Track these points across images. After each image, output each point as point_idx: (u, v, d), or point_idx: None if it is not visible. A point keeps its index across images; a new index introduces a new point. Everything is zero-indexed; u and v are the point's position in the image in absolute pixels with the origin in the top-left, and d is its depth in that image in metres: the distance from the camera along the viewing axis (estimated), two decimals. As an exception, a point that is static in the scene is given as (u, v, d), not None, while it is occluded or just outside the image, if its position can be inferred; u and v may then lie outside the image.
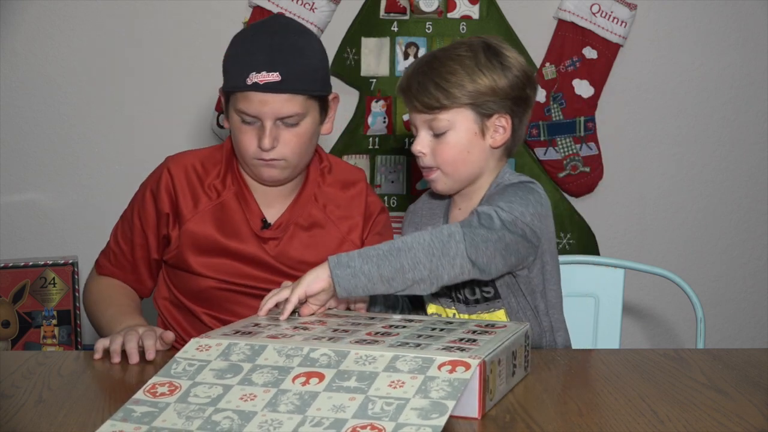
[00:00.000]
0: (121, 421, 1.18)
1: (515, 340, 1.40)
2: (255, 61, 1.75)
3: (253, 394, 1.22)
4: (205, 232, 1.86)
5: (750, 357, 1.61)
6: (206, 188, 1.88)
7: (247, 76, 1.75)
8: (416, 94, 1.72)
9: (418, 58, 1.80)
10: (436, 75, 1.71)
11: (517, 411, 1.29)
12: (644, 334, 3.03)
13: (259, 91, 1.75)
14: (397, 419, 1.14)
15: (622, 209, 2.97)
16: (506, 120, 1.74)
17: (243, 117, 1.78)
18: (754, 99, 2.95)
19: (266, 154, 1.79)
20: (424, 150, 1.74)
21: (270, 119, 1.77)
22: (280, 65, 1.76)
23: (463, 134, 1.72)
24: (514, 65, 1.73)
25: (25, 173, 2.84)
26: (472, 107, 1.71)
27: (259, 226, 1.87)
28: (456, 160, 1.73)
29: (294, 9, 2.76)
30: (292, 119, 1.79)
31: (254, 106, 1.76)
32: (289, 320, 1.52)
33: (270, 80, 1.75)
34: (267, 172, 1.83)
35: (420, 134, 1.75)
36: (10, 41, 2.79)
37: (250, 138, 1.79)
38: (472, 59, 1.71)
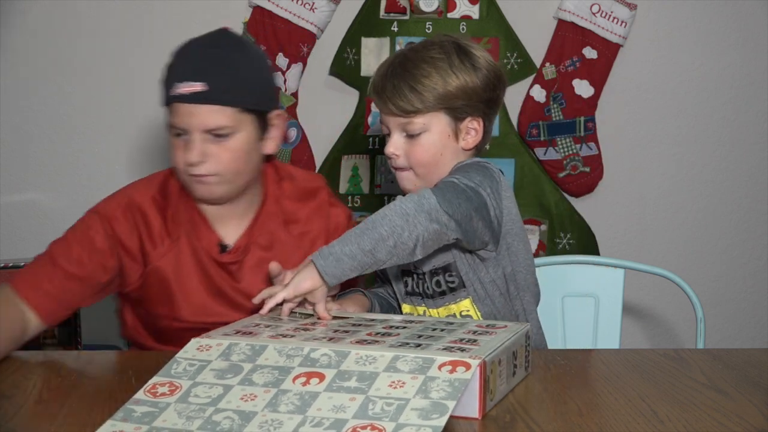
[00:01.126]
0: (121, 421, 1.18)
1: (516, 340, 1.41)
2: (182, 72, 1.71)
3: (254, 394, 1.22)
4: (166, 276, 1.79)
5: (750, 357, 1.62)
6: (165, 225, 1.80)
7: (171, 87, 1.71)
8: (391, 97, 1.71)
9: (388, 58, 1.78)
10: (410, 78, 1.71)
11: (517, 411, 1.29)
12: (644, 334, 3.03)
13: (185, 102, 1.70)
14: (397, 419, 1.14)
15: (622, 209, 2.97)
16: (478, 123, 1.75)
17: (173, 131, 1.73)
18: (754, 99, 2.95)
19: (195, 169, 1.72)
20: (398, 152, 1.74)
21: (197, 131, 1.70)
22: (207, 75, 1.69)
23: (437, 137, 1.73)
24: (484, 65, 1.74)
25: (25, 173, 2.84)
26: (447, 110, 1.72)
27: (217, 251, 1.80)
28: (429, 162, 1.74)
29: (294, 9, 2.76)
30: (221, 131, 1.71)
31: (180, 118, 1.71)
32: (290, 320, 1.52)
33: (195, 90, 1.69)
34: (200, 189, 1.76)
35: (393, 136, 1.75)
36: (10, 41, 2.79)
37: (181, 153, 1.73)
38: (445, 61, 1.71)
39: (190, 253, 1.80)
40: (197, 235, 1.80)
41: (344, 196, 2.83)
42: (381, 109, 1.75)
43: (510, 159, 2.83)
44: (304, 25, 2.78)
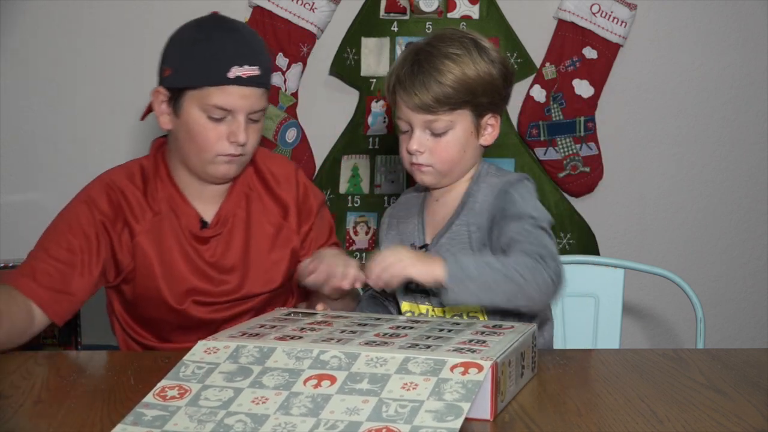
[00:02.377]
0: (131, 425, 1.18)
1: (524, 341, 1.41)
2: (236, 55, 1.73)
3: (265, 397, 1.22)
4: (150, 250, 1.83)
5: (749, 357, 1.62)
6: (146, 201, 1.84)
7: (228, 70, 1.72)
8: (419, 93, 1.70)
9: (406, 54, 1.76)
10: (437, 74, 1.69)
11: (517, 411, 1.29)
12: (644, 334, 3.03)
13: (242, 85, 1.74)
14: (412, 422, 1.14)
15: (622, 209, 2.97)
16: (496, 119, 1.76)
17: (213, 113, 1.75)
18: (754, 99, 2.95)
19: (236, 149, 1.78)
20: (422, 149, 1.73)
21: (244, 113, 1.76)
22: (257, 59, 1.76)
23: (461, 134, 1.73)
24: (497, 59, 1.74)
25: (25, 173, 2.84)
26: (471, 107, 1.72)
27: (198, 227, 1.85)
28: (453, 160, 1.74)
29: (294, 9, 2.76)
30: (258, 114, 1.79)
31: (233, 100, 1.74)
32: (295, 321, 1.52)
33: (252, 74, 1.74)
34: (227, 169, 1.81)
35: (416, 133, 1.73)
36: (10, 41, 2.79)
37: (218, 134, 1.76)
38: (468, 57, 1.71)
39: (171, 229, 1.84)
40: (178, 212, 1.85)
41: (344, 196, 2.83)
42: (406, 105, 1.73)
43: (510, 159, 2.83)
44: (304, 25, 2.77)
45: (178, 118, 1.79)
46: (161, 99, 1.80)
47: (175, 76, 1.77)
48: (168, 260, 1.83)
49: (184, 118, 1.77)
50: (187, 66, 1.75)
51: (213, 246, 1.86)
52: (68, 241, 1.79)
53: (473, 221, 1.73)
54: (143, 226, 1.83)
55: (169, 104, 1.80)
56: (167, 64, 1.79)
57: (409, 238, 1.81)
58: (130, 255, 1.83)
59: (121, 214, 1.83)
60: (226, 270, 1.86)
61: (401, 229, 1.85)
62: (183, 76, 1.76)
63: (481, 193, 1.74)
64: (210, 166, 1.80)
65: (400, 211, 1.89)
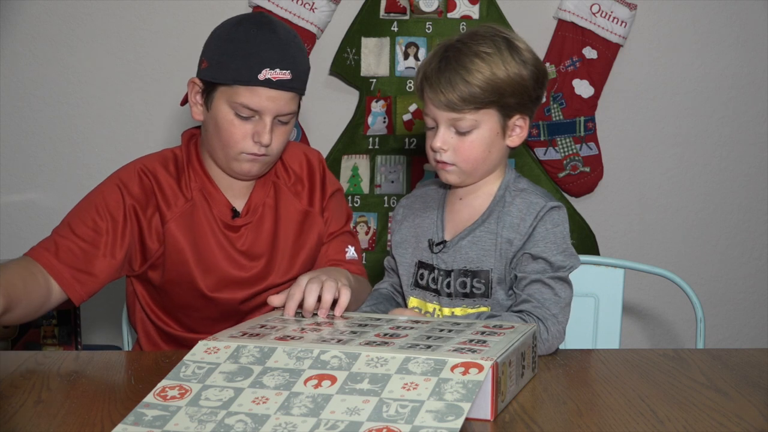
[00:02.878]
0: (132, 425, 1.18)
1: (524, 341, 1.41)
2: (269, 58, 1.76)
3: (265, 397, 1.22)
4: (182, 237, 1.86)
5: (750, 357, 1.62)
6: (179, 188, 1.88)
7: (259, 71, 1.75)
8: (445, 90, 1.68)
9: (436, 50, 1.75)
10: (465, 72, 1.68)
11: (517, 411, 1.29)
12: (644, 334, 3.03)
13: (271, 88, 1.76)
14: (413, 422, 1.14)
15: (622, 209, 2.97)
16: (524, 120, 1.74)
17: (241, 111, 1.78)
18: (754, 99, 2.95)
19: (260, 149, 1.81)
20: (445, 147, 1.72)
21: (271, 116, 1.79)
22: (291, 64, 1.78)
23: (486, 134, 1.71)
24: (530, 60, 1.72)
25: (25, 173, 2.84)
26: (498, 107, 1.71)
27: (230, 216, 1.89)
28: (477, 159, 1.72)
29: (294, 9, 2.76)
30: (287, 117, 1.82)
31: (261, 101, 1.77)
32: (296, 321, 1.52)
33: (283, 78, 1.77)
34: (249, 167, 1.85)
35: (441, 130, 1.72)
36: (10, 41, 2.79)
37: (244, 132, 1.79)
38: (498, 56, 1.69)
39: (204, 217, 1.87)
40: (210, 201, 1.88)
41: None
42: (432, 102, 1.72)
43: (510, 159, 2.82)
44: (304, 25, 2.77)
45: (209, 111, 1.83)
46: (196, 90, 1.85)
47: (210, 69, 1.80)
48: (202, 247, 1.86)
49: (214, 112, 1.81)
50: (222, 62, 1.78)
51: (244, 234, 1.89)
52: (94, 221, 1.80)
53: (505, 234, 1.72)
54: (174, 212, 1.86)
55: (202, 96, 1.84)
56: (205, 57, 1.83)
57: (426, 232, 1.81)
58: (159, 241, 1.85)
59: (152, 199, 1.86)
60: (256, 257, 1.90)
61: (417, 222, 1.84)
62: (216, 71, 1.79)
63: (516, 208, 1.73)
64: (234, 162, 1.84)
65: (416, 203, 1.88)
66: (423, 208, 1.86)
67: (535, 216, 1.71)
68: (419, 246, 1.81)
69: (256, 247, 1.90)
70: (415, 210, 1.87)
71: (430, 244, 1.78)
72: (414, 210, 1.87)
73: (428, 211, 1.84)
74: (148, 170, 1.87)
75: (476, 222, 1.76)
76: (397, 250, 1.86)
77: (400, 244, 1.85)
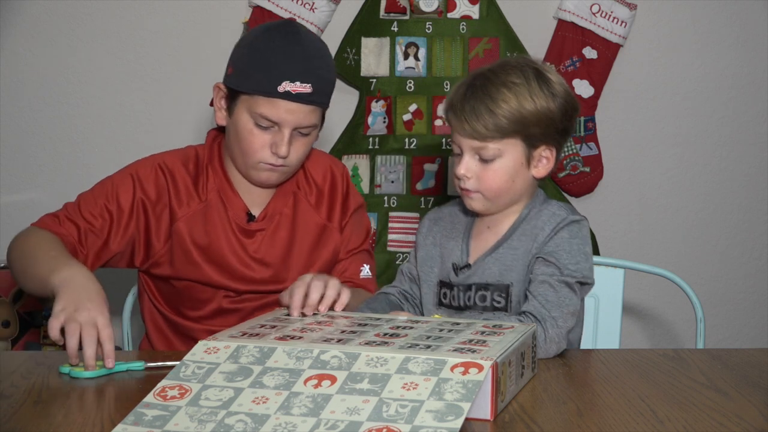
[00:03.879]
0: (132, 425, 1.18)
1: (524, 341, 1.41)
2: (289, 70, 1.76)
3: (265, 397, 1.22)
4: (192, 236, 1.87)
5: (750, 357, 1.62)
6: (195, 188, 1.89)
7: (279, 83, 1.75)
8: (468, 119, 1.70)
9: (466, 78, 1.76)
10: (489, 101, 1.69)
11: (517, 411, 1.29)
12: (644, 334, 3.03)
13: (290, 100, 1.76)
14: (412, 421, 1.14)
15: (622, 209, 2.97)
16: (551, 151, 1.75)
17: (260, 121, 1.79)
18: (754, 99, 2.95)
19: (278, 160, 1.81)
20: (469, 174, 1.73)
21: (290, 127, 1.79)
22: (312, 77, 1.77)
23: (510, 163, 1.72)
24: (561, 93, 1.72)
25: (25, 173, 2.84)
26: (523, 138, 1.71)
27: (245, 219, 1.89)
28: (500, 188, 1.73)
29: (294, 9, 2.76)
30: (308, 129, 1.81)
31: (279, 113, 1.77)
32: (296, 321, 1.52)
33: (302, 91, 1.76)
34: (267, 176, 1.86)
35: (465, 157, 1.73)
36: (10, 41, 2.79)
37: (262, 141, 1.80)
38: (525, 87, 1.69)
39: (219, 219, 1.88)
40: (227, 203, 1.89)
41: (344, 196, 2.83)
42: (456, 129, 1.74)
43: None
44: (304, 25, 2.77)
45: (231, 118, 1.84)
46: (221, 95, 1.86)
47: (234, 77, 1.81)
48: (214, 248, 1.87)
49: (235, 119, 1.82)
50: (245, 70, 1.79)
51: (258, 240, 1.90)
52: (102, 207, 1.84)
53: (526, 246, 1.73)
54: (186, 212, 1.87)
55: (226, 101, 1.85)
56: (231, 62, 1.84)
57: (450, 256, 1.81)
58: (165, 239, 1.87)
59: (164, 197, 1.87)
60: (267, 264, 1.90)
61: (443, 244, 1.84)
62: (240, 79, 1.80)
63: (540, 220, 1.74)
64: (252, 170, 1.85)
65: (443, 223, 1.88)
66: (450, 229, 1.86)
67: (555, 226, 1.72)
68: (444, 266, 1.82)
69: (269, 255, 1.90)
70: (442, 228, 1.87)
71: (454, 268, 1.79)
72: (441, 227, 1.87)
73: (455, 234, 1.84)
74: (166, 167, 1.89)
75: (499, 240, 1.77)
76: (422, 267, 1.86)
77: (425, 261, 1.86)
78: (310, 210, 1.94)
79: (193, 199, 1.88)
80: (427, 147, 2.80)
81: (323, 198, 1.96)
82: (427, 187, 2.81)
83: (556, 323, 1.63)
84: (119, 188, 1.86)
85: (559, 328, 1.63)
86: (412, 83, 2.80)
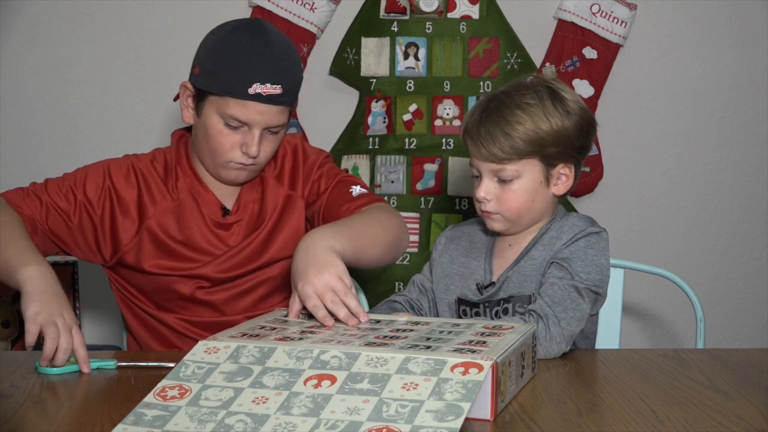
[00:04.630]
0: (132, 425, 1.18)
1: (524, 341, 1.41)
2: (260, 72, 1.75)
3: (265, 397, 1.22)
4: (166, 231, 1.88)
5: (750, 357, 1.62)
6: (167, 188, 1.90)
7: (250, 85, 1.75)
8: (485, 143, 1.71)
9: (481, 101, 1.77)
10: (505, 124, 1.69)
11: (517, 411, 1.29)
12: (644, 334, 3.03)
13: (261, 102, 1.76)
14: (412, 421, 1.14)
15: (622, 209, 2.97)
16: (569, 169, 1.75)
17: (230, 121, 1.78)
18: (754, 99, 2.95)
19: (248, 160, 1.81)
20: (489, 197, 1.74)
21: (260, 128, 1.79)
22: (282, 78, 1.77)
23: (529, 184, 1.73)
24: (576, 111, 1.72)
25: (25, 173, 2.84)
26: (540, 157, 1.72)
27: (220, 214, 1.90)
28: (521, 208, 1.74)
29: (294, 9, 2.76)
30: (277, 128, 1.82)
31: (250, 115, 1.77)
32: (296, 323, 1.52)
33: (273, 93, 1.76)
34: (237, 175, 1.86)
35: (484, 180, 1.74)
36: (10, 41, 2.79)
37: (232, 141, 1.80)
38: (539, 107, 1.70)
39: (193, 217, 1.89)
40: (199, 200, 1.89)
41: (344, 196, 2.82)
42: (473, 154, 1.75)
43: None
44: (304, 25, 2.77)
45: (199, 117, 1.83)
46: (187, 94, 1.85)
47: (202, 77, 1.81)
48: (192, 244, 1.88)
49: (204, 119, 1.82)
50: (214, 71, 1.78)
51: (236, 232, 1.91)
52: (68, 189, 1.87)
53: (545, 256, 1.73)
54: (158, 209, 1.88)
55: (193, 100, 1.84)
56: (197, 62, 1.83)
57: (473, 274, 1.82)
58: (134, 233, 1.87)
59: (132, 193, 1.88)
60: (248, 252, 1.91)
61: (463, 262, 1.84)
62: (208, 80, 1.79)
63: (559, 231, 1.75)
64: (221, 169, 1.85)
65: (462, 242, 1.88)
66: (470, 248, 1.86)
67: (573, 236, 1.72)
68: (465, 285, 1.82)
69: (250, 244, 1.91)
70: (461, 247, 1.87)
71: (479, 287, 1.80)
72: (459, 246, 1.87)
73: (475, 253, 1.84)
74: (137, 167, 1.91)
75: (520, 255, 1.78)
76: (437, 285, 1.86)
77: (441, 279, 1.86)
78: (275, 186, 1.93)
79: (165, 198, 1.89)
80: (427, 147, 2.80)
81: (284, 170, 1.95)
82: (427, 187, 2.81)
83: (559, 322, 1.62)
84: (88, 177, 1.89)
85: (561, 327, 1.62)
86: (412, 83, 2.80)
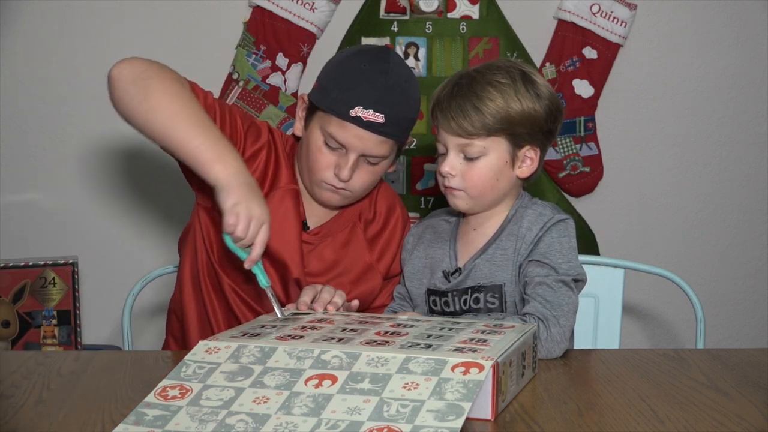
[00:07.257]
0: (133, 425, 1.18)
1: (524, 340, 1.41)
2: (365, 97, 1.74)
3: (266, 397, 1.22)
4: None
5: (750, 357, 1.62)
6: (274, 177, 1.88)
7: (352, 107, 1.74)
8: (455, 116, 1.72)
9: (452, 77, 1.79)
10: (476, 99, 1.71)
11: (517, 411, 1.29)
12: (644, 334, 3.03)
13: (360, 126, 1.75)
14: (413, 421, 1.14)
15: (622, 209, 2.97)
16: (535, 152, 1.77)
17: (329, 140, 1.78)
18: (754, 99, 2.95)
19: (339, 183, 1.80)
20: (453, 172, 1.75)
21: (356, 153, 1.78)
22: (387, 108, 1.75)
23: (494, 162, 1.74)
24: (546, 95, 1.75)
25: (25, 173, 2.84)
26: (508, 136, 1.73)
27: (300, 228, 1.87)
28: (484, 186, 1.75)
29: (294, 9, 2.76)
30: (376, 159, 1.80)
31: (348, 137, 1.76)
32: (296, 320, 1.52)
33: (374, 120, 1.75)
34: (328, 197, 1.85)
35: (450, 155, 1.75)
36: (10, 41, 2.79)
37: (328, 161, 1.80)
38: (511, 87, 1.72)
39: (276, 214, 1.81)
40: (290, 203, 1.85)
41: (344, 196, 2.83)
42: (442, 127, 1.76)
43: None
44: (304, 25, 2.78)
45: (306, 131, 1.84)
46: (303, 106, 1.86)
47: (316, 92, 1.82)
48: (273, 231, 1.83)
49: (309, 133, 1.82)
50: (326, 87, 1.79)
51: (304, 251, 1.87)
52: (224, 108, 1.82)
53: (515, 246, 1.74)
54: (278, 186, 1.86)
55: (305, 113, 1.84)
56: (319, 77, 1.84)
57: (439, 263, 1.82)
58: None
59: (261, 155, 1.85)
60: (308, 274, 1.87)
61: (429, 253, 1.85)
62: (320, 95, 1.80)
63: (526, 220, 1.75)
64: (315, 188, 1.85)
65: (426, 233, 1.89)
66: (434, 239, 1.87)
67: (542, 226, 1.73)
68: (433, 276, 1.82)
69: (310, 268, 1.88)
70: (426, 240, 1.88)
71: (445, 275, 1.80)
72: (424, 240, 1.89)
73: (440, 242, 1.85)
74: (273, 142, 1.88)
75: (488, 242, 1.78)
76: (410, 282, 1.87)
77: (413, 275, 1.87)
78: (363, 246, 1.91)
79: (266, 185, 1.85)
80: (427, 147, 2.80)
81: (380, 238, 1.93)
82: (427, 187, 2.81)
83: (558, 322, 1.63)
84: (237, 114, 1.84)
85: (561, 327, 1.63)
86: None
